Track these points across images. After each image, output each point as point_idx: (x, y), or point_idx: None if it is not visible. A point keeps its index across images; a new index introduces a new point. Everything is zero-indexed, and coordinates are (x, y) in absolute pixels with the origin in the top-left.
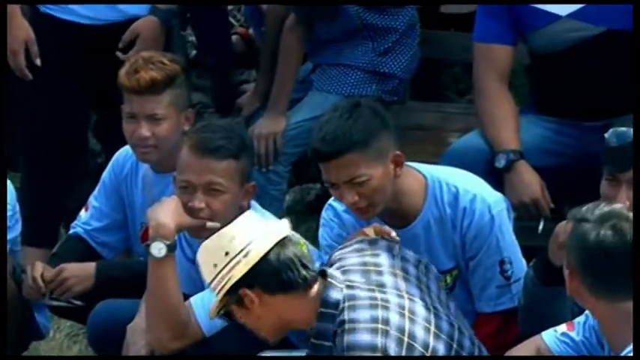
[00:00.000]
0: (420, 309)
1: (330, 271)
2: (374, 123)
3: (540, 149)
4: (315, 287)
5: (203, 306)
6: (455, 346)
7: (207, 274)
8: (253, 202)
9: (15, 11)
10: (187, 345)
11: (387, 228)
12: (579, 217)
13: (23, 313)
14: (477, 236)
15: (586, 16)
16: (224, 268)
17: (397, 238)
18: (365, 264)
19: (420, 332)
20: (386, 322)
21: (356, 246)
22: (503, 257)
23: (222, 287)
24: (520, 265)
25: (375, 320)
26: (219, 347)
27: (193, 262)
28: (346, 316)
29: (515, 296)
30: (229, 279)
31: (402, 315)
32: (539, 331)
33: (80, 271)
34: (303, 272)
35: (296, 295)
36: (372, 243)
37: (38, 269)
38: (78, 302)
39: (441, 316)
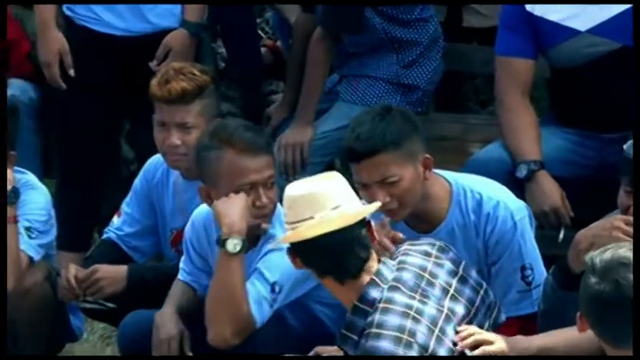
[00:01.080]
0: (451, 331)
1: (382, 267)
2: (405, 125)
3: (560, 160)
4: (360, 280)
5: (251, 297)
6: None
7: (293, 215)
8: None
9: (49, 23)
10: (243, 339)
11: (393, 232)
12: (588, 266)
13: (58, 316)
14: (499, 242)
15: (604, 32)
16: (290, 224)
17: (402, 237)
18: (424, 269)
19: (443, 353)
20: (412, 334)
21: (426, 248)
22: (524, 263)
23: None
24: (541, 272)
25: (401, 330)
26: (260, 342)
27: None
28: (377, 317)
29: (536, 301)
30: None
31: (431, 331)
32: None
33: (113, 273)
34: (343, 266)
35: (324, 276)
36: (443, 251)
37: (72, 271)
38: (110, 304)
39: None
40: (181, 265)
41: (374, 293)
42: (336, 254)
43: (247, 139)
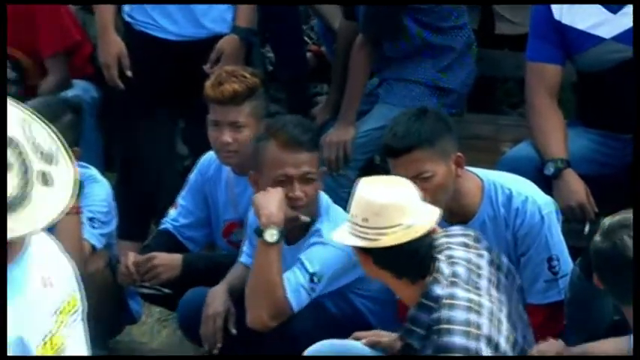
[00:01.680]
0: (504, 319)
1: (440, 264)
2: (439, 125)
3: (585, 159)
4: (424, 281)
5: (290, 285)
6: (518, 350)
7: (354, 214)
8: (322, 194)
9: (109, 28)
10: (280, 322)
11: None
12: (600, 227)
13: (118, 300)
14: (527, 234)
15: (628, 39)
16: (372, 229)
17: (438, 229)
18: (469, 262)
19: (502, 342)
20: (478, 327)
21: (462, 239)
22: (551, 254)
23: (358, 237)
24: (567, 262)
25: (469, 324)
26: (299, 326)
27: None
28: (444, 314)
29: (562, 290)
30: (368, 240)
31: (491, 321)
32: (584, 323)
33: (168, 260)
34: (418, 267)
35: (399, 279)
36: (477, 241)
37: (130, 258)
38: (166, 290)
39: (518, 329)
40: (243, 247)
41: (437, 290)
42: (419, 257)
43: (291, 134)
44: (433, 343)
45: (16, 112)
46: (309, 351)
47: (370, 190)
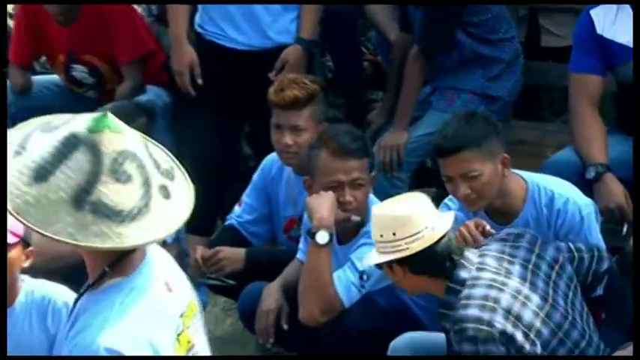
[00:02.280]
0: (536, 297)
1: (468, 253)
2: (487, 128)
3: (624, 164)
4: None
5: (340, 283)
6: (561, 334)
7: (381, 235)
8: (372, 197)
9: (182, 38)
10: (331, 318)
11: (483, 222)
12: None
13: None
14: (568, 233)
15: None
16: (402, 239)
17: (492, 231)
18: (502, 252)
19: (527, 315)
20: (496, 301)
21: (503, 235)
22: None
23: (391, 252)
24: None
25: (486, 298)
26: (351, 320)
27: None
28: (466, 292)
29: (601, 287)
30: (401, 251)
31: (515, 298)
32: (620, 318)
33: (232, 254)
34: (449, 264)
35: (436, 278)
36: (519, 236)
37: (199, 252)
38: (230, 281)
39: (558, 308)
40: (300, 245)
41: (463, 274)
42: (447, 253)
43: (341, 143)
44: (452, 318)
45: (134, 132)
46: (393, 345)
47: (389, 209)
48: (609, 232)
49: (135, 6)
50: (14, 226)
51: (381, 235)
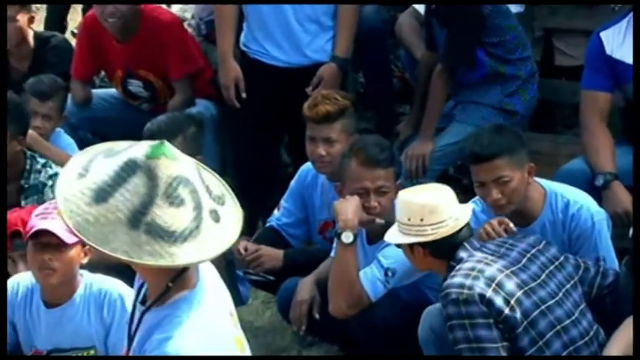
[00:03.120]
0: (523, 275)
1: (472, 240)
2: (516, 139)
3: (631, 172)
4: None
5: (367, 279)
6: (543, 307)
7: (408, 219)
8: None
9: (228, 55)
10: (358, 311)
11: (506, 220)
12: None
13: (230, 283)
14: (580, 236)
15: None
16: (429, 225)
17: (514, 229)
18: (505, 242)
19: (509, 285)
20: (480, 271)
21: (513, 234)
22: (599, 255)
23: (416, 235)
24: (613, 263)
25: (472, 269)
26: (378, 312)
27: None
28: (457, 267)
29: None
30: (426, 235)
31: (501, 272)
32: (628, 314)
33: (272, 253)
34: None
35: (448, 260)
36: (525, 236)
37: (242, 244)
38: (270, 277)
39: (546, 287)
40: (334, 244)
41: (462, 254)
42: (467, 238)
43: (369, 154)
44: (441, 289)
45: (190, 159)
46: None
47: (418, 196)
48: (617, 235)
49: (185, 26)
50: None
51: (409, 219)
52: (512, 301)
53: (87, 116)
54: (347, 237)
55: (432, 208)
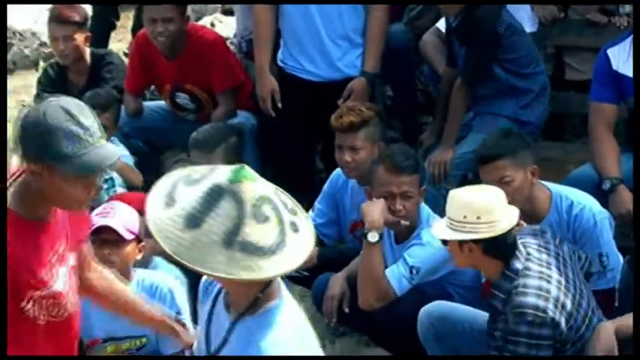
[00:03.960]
0: (571, 287)
1: (519, 246)
2: (520, 142)
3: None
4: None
5: (393, 275)
6: (587, 321)
7: (464, 216)
8: (424, 206)
9: (265, 70)
10: (385, 304)
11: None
12: None
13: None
14: (583, 235)
15: None
16: (485, 223)
17: (523, 223)
18: (539, 245)
19: (568, 304)
20: (548, 291)
21: (530, 231)
22: (601, 251)
23: (470, 232)
24: (615, 259)
25: (540, 289)
26: (404, 306)
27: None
28: (521, 281)
29: (610, 280)
30: (481, 232)
31: (559, 289)
32: (631, 306)
33: None
34: (508, 251)
35: (498, 260)
36: (543, 232)
37: None
38: (305, 273)
39: (584, 296)
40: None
41: (517, 264)
42: (514, 241)
43: (395, 161)
44: (512, 303)
45: (264, 180)
46: (424, 310)
47: (473, 195)
48: (621, 234)
49: (228, 44)
50: (131, 224)
51: (465, 217)
52: (571, 321)
53: (138, 126)
54: (373, 236)
55: (491, 208)
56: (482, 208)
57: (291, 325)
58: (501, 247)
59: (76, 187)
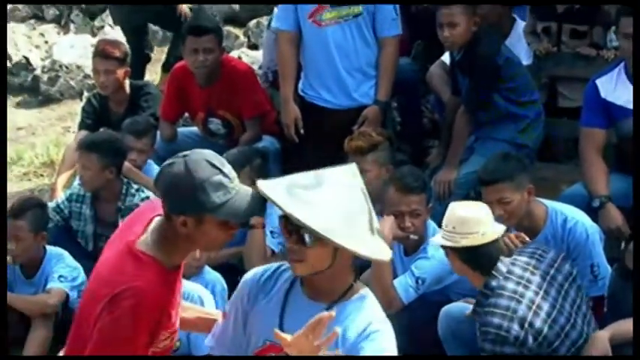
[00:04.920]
0: (546, 305)
1: (500, 264)
2: (518, 165)
3: (622, 196)
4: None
5: (401, 286)
6: (562, 335)
7: (453, 227)
8: (431, 222)
9: (289, 99)
10: (393, 311)
11: (522, 234)
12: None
13: None
14: (576, 247)
15: None
16: (458, 234)
17: (528, 240)
18: (528, 264)
19: (537, 322)
20: (515, 311)
21: (531, 250)
22: (593, 262)
23: (448, 240)
24: (605, 269)
25: (508, 309)
26: (409, 313)
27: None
28: (492, 300)
29: (601, 288)
30: (454, 242)
31: (530, 308)
32: (619, 312)
33: None
34: (486, 267)
35: (475, 271)
36: (545, 252)
37: None
38: None
39: (563, 312)
40: None
41: (492, 283)
42: (488, 256)
43: (404, 182)
44: (480, 320)
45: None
46: (443, 311)
47: (458, 208)
48: (611, 246)
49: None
50: None
51: (446, 226)
52: (539, 338)
53: (172, 149)
54: None
55: (463, 220)
56: (457, 219)
57: (377, 308)
58: (478, 259)
59: (225, 231)
